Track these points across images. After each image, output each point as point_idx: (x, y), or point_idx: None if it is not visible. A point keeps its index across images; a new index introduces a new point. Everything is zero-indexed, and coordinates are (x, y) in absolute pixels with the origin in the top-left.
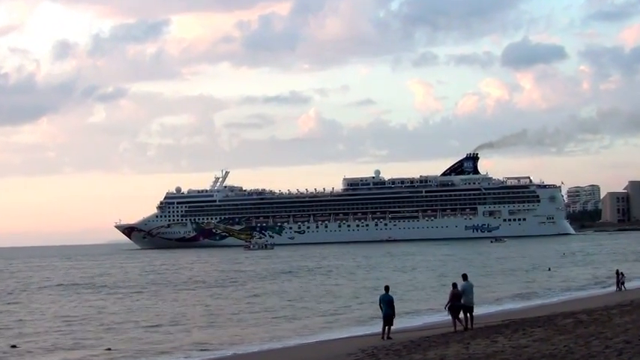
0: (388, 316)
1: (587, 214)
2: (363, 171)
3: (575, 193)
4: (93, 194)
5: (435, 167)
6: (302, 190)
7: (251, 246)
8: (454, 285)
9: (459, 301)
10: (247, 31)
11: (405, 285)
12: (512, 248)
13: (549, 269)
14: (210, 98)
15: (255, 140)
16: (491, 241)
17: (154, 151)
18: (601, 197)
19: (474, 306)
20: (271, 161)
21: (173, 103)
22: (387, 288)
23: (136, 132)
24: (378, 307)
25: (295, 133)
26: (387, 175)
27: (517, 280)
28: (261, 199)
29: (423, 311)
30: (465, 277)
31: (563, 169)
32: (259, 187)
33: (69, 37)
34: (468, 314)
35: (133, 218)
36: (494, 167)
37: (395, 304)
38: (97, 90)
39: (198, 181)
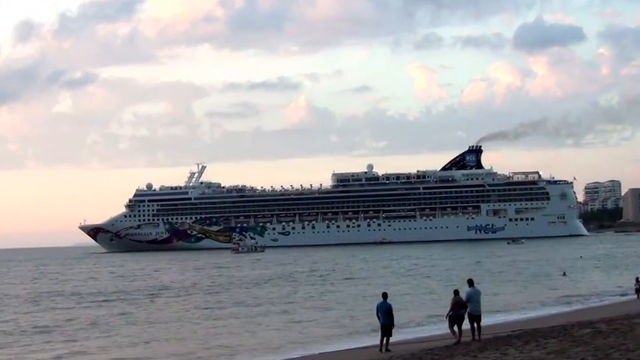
0: (386, 326)
1: (606, 212)
2: (358, 165)
3: (593, 189)
4: (59, 191)
5: (439, 161)
6: (286, 186)
7: (239, 248)
8: (456, 292)
9: (462, 309)
10: (231, 10)
11: (406, 291)
12: (529, 250)
13: (564, 274)
14: (190, 85)
15: (238, 131)
16: (508, 243)
17: (127, 143)
18: (622, 194)
19: (482, 315)
20: (256, 154)
21: (148, 90)
22: (384, 295)
23: (106, 122)
24: (376, 316)
25: (283, 124)
26: (384, 169)
27: (530, 286)
28: (241, 196)
29: (426, 321)
30: (470, 282)
31: (579, 163)
32: (242, 183)
33: (32, 16)
34: (475, 324)
35: (101, 218)
36: (500, 161)
37: (394, 312)
38: (63, 75)
39: (175, 176)
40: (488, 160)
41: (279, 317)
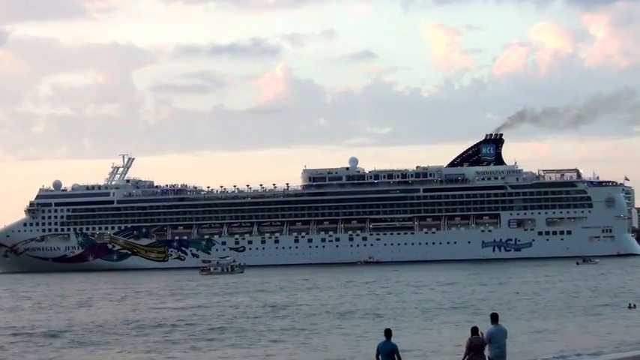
0: None
1: None
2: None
3: None
4: None
5: (448, 154)
6: (242, 187)
7: (211, 268)
8: (473, 330)
9: (481, 353)
10: None
11: (419, 329)
12: (599, 272)
13: (633, 306)
14: (129, 47)
15: (194, 111)
16: (577, 263)
17: (43, 125)
18: None
19: None
20: (217, 143)
21: (73, 55)
22: (388, 333)
23: (16, 97)
24: (375, 359)
25: (255, 101)
26: (385, 164)
27: (584, 322)
28: (181, 199)
29: None
30: (494, 318)
31: None
32: (183, 181)
33: None
34: None
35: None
36: (527, 154)
37: (400, 354)
38: None
39: (107, 170)
40: (511, 152)
41: None
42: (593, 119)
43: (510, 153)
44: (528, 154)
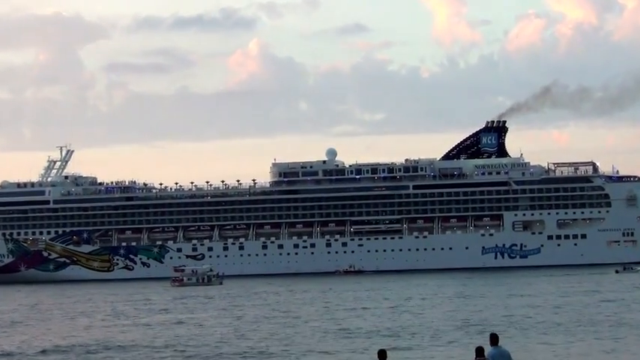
0: None
1: None
2: (342, 149)
3: None
4: None
5: (444, 144)
6: (201, 184)
7: (184, 278)
8: (479, 351)
9: None
10: None
11: (420, 350)
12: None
13: None
14: (77, 20)
15: (154, 94)
16: (617, 271)
17: None
18: None
19: None
20: (181, 131)
21: (11, 28)
22: (382, 354)
23: None
24: None
25: (225, 83)
26: (376, 156)
27: (616, 344)
28: (129, 199)
29: None
30: (493, 339)
31: None
32: (132, 177)
33: None
34: None
35: None
36: (536, 144)
37: None
38: None
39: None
40: (517, 142)
41: None
42: (632, 102)
43: (516, 143)
44: (537, 145)
